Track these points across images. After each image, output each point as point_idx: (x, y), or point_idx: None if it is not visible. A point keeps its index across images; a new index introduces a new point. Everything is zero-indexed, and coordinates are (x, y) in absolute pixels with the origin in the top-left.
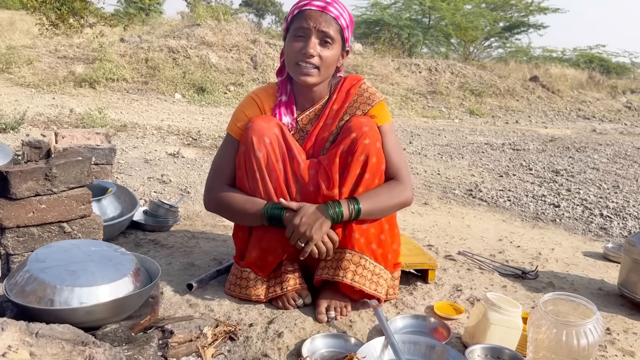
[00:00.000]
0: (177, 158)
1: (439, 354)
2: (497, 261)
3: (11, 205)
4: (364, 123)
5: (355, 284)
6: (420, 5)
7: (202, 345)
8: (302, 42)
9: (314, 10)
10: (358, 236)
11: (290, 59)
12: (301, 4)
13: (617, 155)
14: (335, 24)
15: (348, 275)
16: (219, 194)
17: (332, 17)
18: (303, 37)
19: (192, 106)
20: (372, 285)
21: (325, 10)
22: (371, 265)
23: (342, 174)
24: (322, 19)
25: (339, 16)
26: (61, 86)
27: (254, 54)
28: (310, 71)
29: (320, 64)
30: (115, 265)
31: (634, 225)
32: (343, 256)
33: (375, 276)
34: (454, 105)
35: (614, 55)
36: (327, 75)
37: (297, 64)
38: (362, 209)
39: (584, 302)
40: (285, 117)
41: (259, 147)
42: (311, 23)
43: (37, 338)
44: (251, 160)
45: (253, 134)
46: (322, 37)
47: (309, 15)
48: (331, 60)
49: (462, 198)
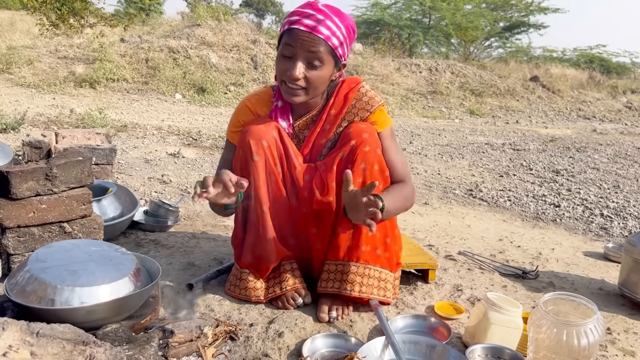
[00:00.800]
0: (178, 158)
1: (440, 353)
2: (498, 261)
3: (12, 205)
4: (364, 130)
5: (363, 295)
6: (420, 5)
7: (203, 345)
8: (288, 64)
9: (302, 31)
10: (364, 248)
11: (279, 76)
12: (292, 19)
13: (618, 155)
14: (324, 45)
15: (355, 288)
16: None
17: (321, 39)
18: (290, 58)
19: (192, 106)
20: (380, 291)
21: (314, 30)
22: (377, 272)
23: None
24: (310, 40)
25: (330, 36)
26: (61, 86)
27: (254, 54)
28: (297, 92)
29: (308, 85)
30: (116, 265)
31: (634, 225)
32: (348, 269)
33: (382, 282)
34: (454, 105)
35: (615, 55)
36: (317, 93)
37: (284, 82)
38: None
39: (585, 301)
40: (281, 122)
41: (257, 151)
42: (297, 45)
43: (37, 338)
44: (248, 165)
45: (250, 137)
46: (310, 59)
47: (297, 36)
48: (320, 80)
49: (463, 198)
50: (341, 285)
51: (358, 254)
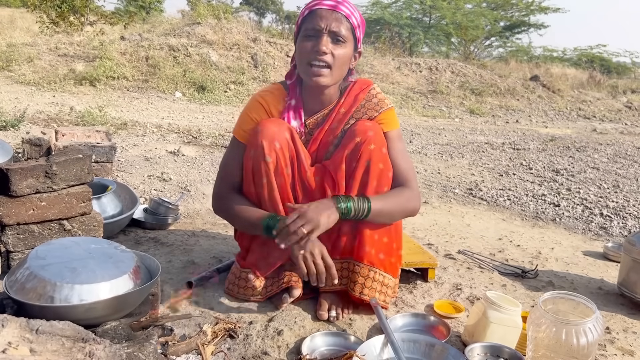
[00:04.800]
0: (178, 156)
1: (439, 352)
2: (497, 260)
3: (11, 203)
4: (369, 127)
5: (364, 297)
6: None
7: (202, 342)
8: (313, 41)
9: (325, 10)
10: (368, 248)
11: (303, 60)
12: (311, 4)
13: (618, 154)
14: (346, 22)
15: (357, 288)
16: (226, 202)
17: (343, 16)
18: (314, 37)
19: (192, 104)
20: (381, 296)
21: (336, 9)
22: (380, 276)
23: (348, 180)
24: (333, 17)
25: (350, 15)
26: (61, 84)
27: (254, 52)
28: (322, 71)
29: (333, 63)
30: (116, 263)
31: (634, 224)
32: (352, 268)
33: (384, 287)
34: (454, 105)
35: (615, 55)
36: (340, 76)
37: (309, 64)
38: (372, 208)
39: (584, 301)
40: (293, 121)
41: (270, 152)
42: (322, 22)
43: (37, 334)
44: (260, 165)
45: (264, 138)
46: (334, 36)
47: (320, 14)
48: (344, 59)
49: (462, 197)
50: (347, 283)
51: (362, 254)
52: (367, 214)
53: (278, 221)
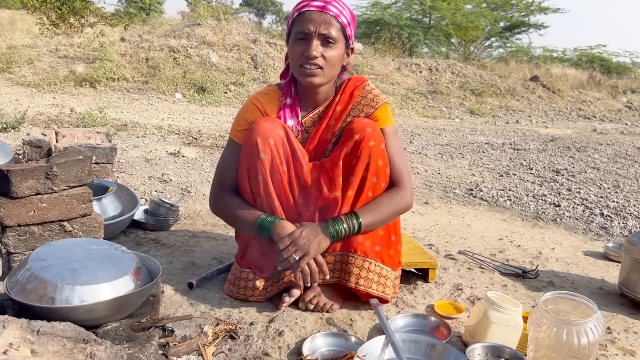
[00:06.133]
0: (178, 157)
1: (440, 352)
2: (498, 260)
3: (12, 204)
4: (367, 124)
5: (360, 287)
6: (420, 5)
7: (203, 343)
8: (303, 45)
9: (314, 12)
10: (362, 239)
11: (294, 62)
12: (300, 5)
13: (618, 154)
14: (336, 22)
15: (352, 279)
16: (222, 202)
17: (332, 16)
18: (304, 40)
19: (192, 105)
20: (379, 287)
21: (324, 9)
22: (377, 267)
23: (347, 177)
24: (322, 19)
25: (339, 14)
26: (62, 85)
27: (254, 53)
28: (315, 71)
29: (324, 64)
30: (116, 264)
31: (634, 224)
32: (346, 259)
33: (383, 278)
34: (454, 105)
35: (615, 55)
36: (333, 75)
37: (301, 66)
38: (363, 224)
39: (585, 301)
40: (290, 120)
41: (264, 149)
42: (311, 25)
43: (38, 336)
44: (255, 163)
45: (257, 135)
46: (324, 39)
47: (309, 17)
48: (335, 59)
49: (463, 197)
50: (340, 275)
51: (356, 245)
52: (358, 229)
53: (270, 222)
